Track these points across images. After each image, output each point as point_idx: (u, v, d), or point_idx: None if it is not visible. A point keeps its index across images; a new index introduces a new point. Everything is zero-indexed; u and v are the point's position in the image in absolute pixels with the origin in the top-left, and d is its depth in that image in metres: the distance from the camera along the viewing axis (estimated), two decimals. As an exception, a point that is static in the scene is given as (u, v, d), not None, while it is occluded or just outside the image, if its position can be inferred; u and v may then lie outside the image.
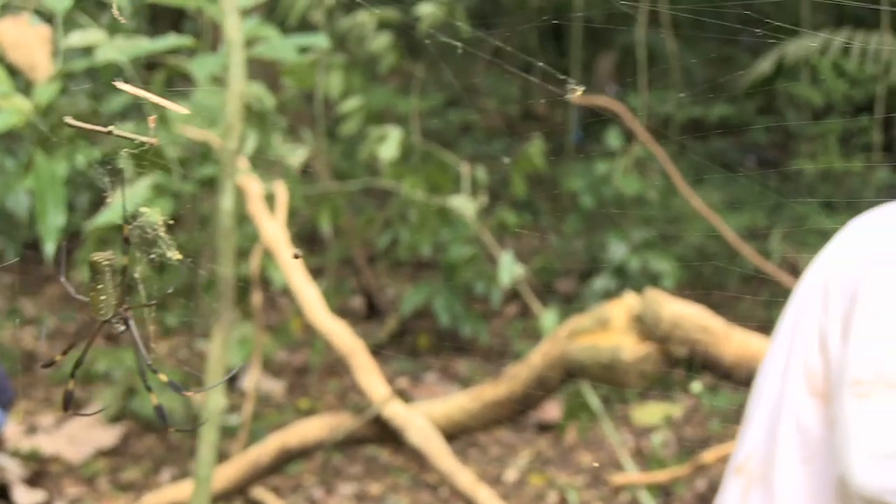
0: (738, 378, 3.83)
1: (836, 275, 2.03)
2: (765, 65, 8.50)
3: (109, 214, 3.60)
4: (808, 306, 2.05)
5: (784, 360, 2.09)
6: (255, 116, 3.67)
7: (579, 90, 1.61)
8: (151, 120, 1.37)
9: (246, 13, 3.32)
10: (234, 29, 2.90)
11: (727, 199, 8.73)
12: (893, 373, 1.79)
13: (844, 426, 1.82)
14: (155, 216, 1.44)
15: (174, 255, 1.45)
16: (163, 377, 1.49)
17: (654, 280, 6.80)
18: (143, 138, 1.33)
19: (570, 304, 7.26)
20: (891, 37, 8.17)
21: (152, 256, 1.45)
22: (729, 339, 3.80)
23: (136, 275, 1.49)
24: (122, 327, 1.48)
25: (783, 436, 2.03)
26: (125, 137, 1.33)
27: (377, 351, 7.19)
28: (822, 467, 1.94)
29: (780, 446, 2.03)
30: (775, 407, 2.08)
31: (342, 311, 7.48)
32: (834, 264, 2.05)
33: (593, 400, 5.08)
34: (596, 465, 5.83)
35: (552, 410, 6.23)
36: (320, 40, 3.74)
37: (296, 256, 4.38)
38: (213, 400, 2.91)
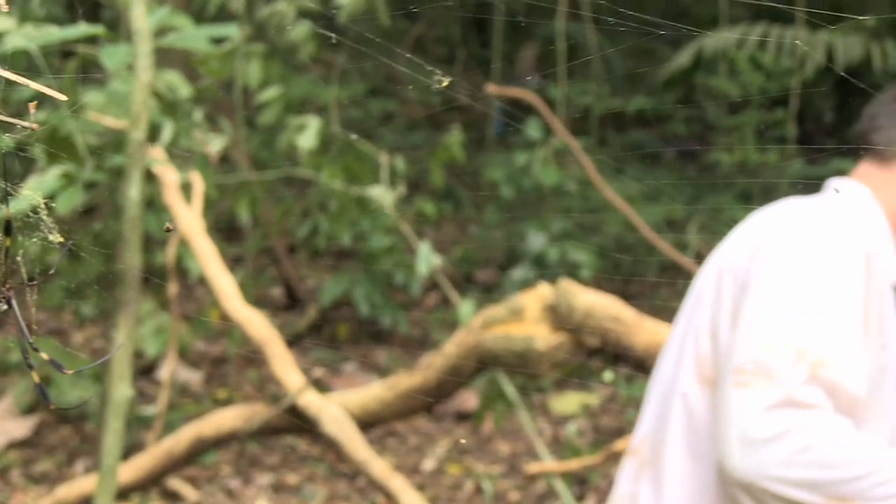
0: (649, 367, 3.87)
1: (730, 265, 2.08)
2: (683, 57, 8.60)
3: (19, 203, 3.56)
4: (704, 294, 2.10)
5: (679, 345, 2.14)
6: (168, 106, 3.65)
7: (445, 81, 1.62)
8: (32, 105, 1.36)
9: (158, 2, 3.30)
10: (141, 18, 2.88)
11: (647, 190, 8.81)
12: (773, 364, 1.85)
13: (724, 413, 1.88)
14: (37, 199, 1.43)
15: (55, 237, 1.45)
16: (44, 356, 1.49)
17: (572, 270, 6.85)
18: (24, 123, 1.33)
19: (490, 293, 7.30)
20: (805, 31, 8.30)
21: (34, 240, 1.44)
22: (640, 329, 3.84)
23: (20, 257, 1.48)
24: (4, 306, 1.47)
25: (673, 420, 2.09)
26: (4, 122, 1.32)
27: (296, 341, 7.19)
28: (707, 452, 1.99)
29: (670, 430, 2.09)
30: (668, 392, 2.13)
31: (261, 301, 7.47)
32: (730, 255, 2.10)
33: (510, 389, 5.11)
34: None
35: (470, 400, 6.26)
36: (232, 31, 3.72)
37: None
38: (118, 389, 2.89)
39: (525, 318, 3.96)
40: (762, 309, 1.96)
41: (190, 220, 4.51)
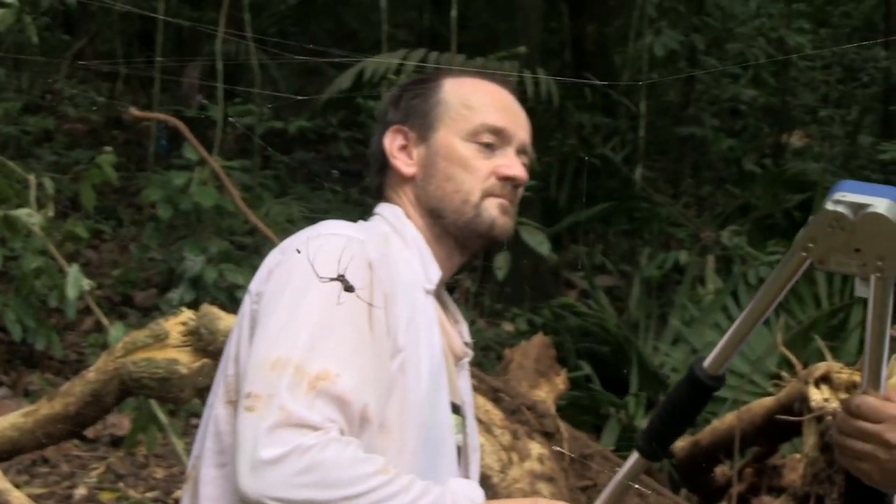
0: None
1: (252, 286, 2.14)
2: (344, 79, 8.73)
3: None
4: (241, 313, 2.15)
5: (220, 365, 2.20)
6: None
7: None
8: None
9: None
10: None
11: (312, 210, 8.90)
12: (274, 386, 1.91)
13: (236, 436, 1.93)
14: None
15: None
16: None
17: (231, 292, 6.83)
18: None
19: (148, 316, 7.20)
20: (461, 56, 8.60)
21: None
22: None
23: None
24: None
25: (208, 441, 2.14)
26: None
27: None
28: (232, 473, 2.04)
29: (205, 451, 2.14)
30: (207, 414, 2.18)
31: None
32: (256, 276, 2.16)
33: (161, 414, 5.06)
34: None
35: (124, 424, 6.16)
36: None
37: None
38: None
39: (168, 342, 3.94)
40: (265, 331, 2.01)
41: None
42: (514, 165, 2.30)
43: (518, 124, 2.34)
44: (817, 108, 14.15)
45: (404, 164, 2.29)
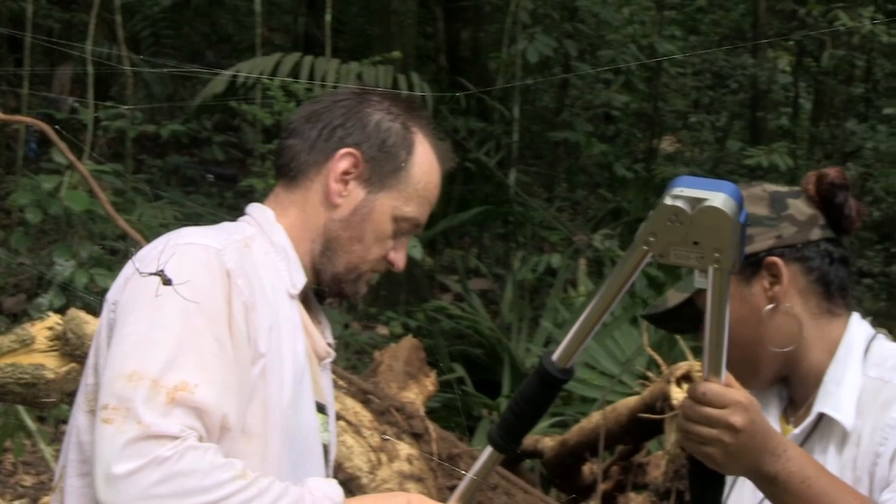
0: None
1: (109, 296, 2.13)
2: (218, 83, 8.68)
3: None
4: (100, 322, 2.14)
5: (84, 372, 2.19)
6: None
7: None
8: None
9: None
10: None
11: (186, 214, 8.83)
12: (130, 398, 1.91)
13: (94, 448, 1.93)
14: None
15: None
16: None
17: (102, 297, 6.73)
18: None
19: (17, 322, 7.08)
20: (336, 61, 8.62)
21: None
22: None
23: None
24: None
25: (71, 451, 2.14)
26: None
27: None
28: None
29: (69, 462, 2.14)
30: (72, 421, 2.18)
31: None
32: (115, 284, 2.15)
33: (28, 420, 5.01)
34: None
35: (-8, 432, 6.06)
36: None
37: None
38: None
39: (34, 347, 3.89)
40: (122, 342, 2.00)
41: None
42: (402, 256, 2.35)
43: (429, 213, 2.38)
44: (688, 114, 14.44)
45: (338, 193, 2.27)
